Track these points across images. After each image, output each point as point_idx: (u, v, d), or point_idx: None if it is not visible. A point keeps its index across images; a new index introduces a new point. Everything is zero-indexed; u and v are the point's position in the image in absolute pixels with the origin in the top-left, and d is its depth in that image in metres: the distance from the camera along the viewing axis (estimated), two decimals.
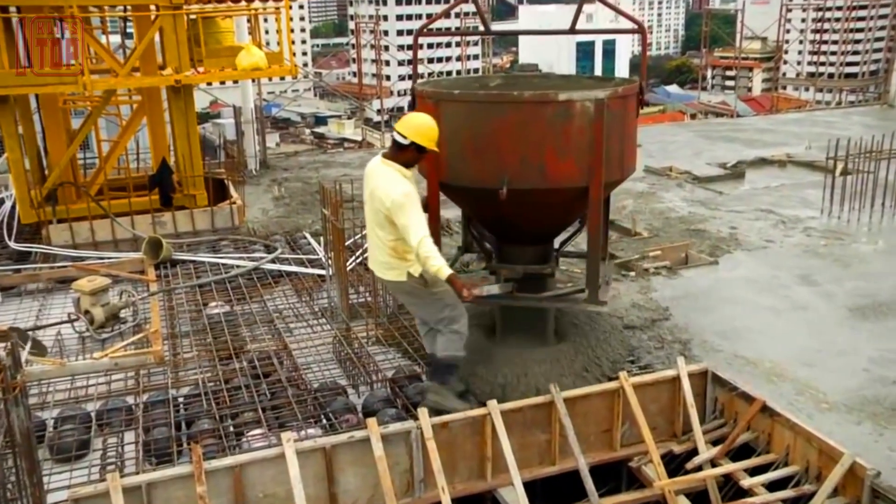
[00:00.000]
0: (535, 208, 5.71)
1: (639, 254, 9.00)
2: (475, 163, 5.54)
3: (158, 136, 11.37)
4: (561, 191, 5.49)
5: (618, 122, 5.43)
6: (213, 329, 7.33)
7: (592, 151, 5.33)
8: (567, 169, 5.41)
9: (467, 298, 5.17)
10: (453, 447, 5.32)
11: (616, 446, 5.79)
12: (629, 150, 5.75)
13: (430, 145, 5.24)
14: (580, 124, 5.31)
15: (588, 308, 5.78)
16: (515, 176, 5.40)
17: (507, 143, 5.42)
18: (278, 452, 4.89)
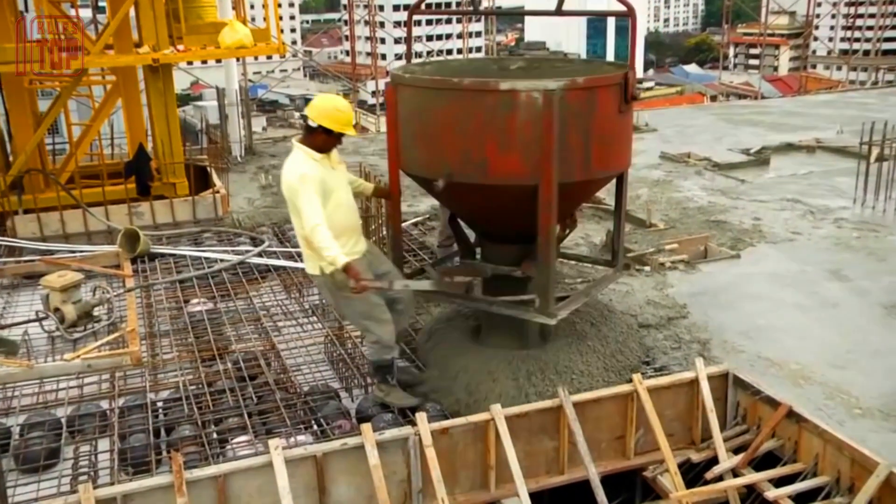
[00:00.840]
0: (486, 205, 5.86)
1: (654, 247, 9.00)
2: (423, 151, 5.72)
3: (134, 119, 11.37)
4: (507, 188, 5.46)
5: (579, 116, 5.30)
6: (194, 328, 7.34)
7: (541, 148, 5.24)
8: (511, 165, 5.36)
9: (355, 289, 5.27)
10: (454, 455, 5.34)
11: (629, 454, 5.80)
12: (602, 150, 5.53)
13: (338, 128, 5.39)
14: (526, 117, 5.24)
15: (536, 319, 5.73)
16: (458, 169, 5.54)
17: (448, 133, 5.52)
18: (265, 461, 4.90)
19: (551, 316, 5.63)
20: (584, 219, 10.68)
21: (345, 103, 5.55)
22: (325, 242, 5.20)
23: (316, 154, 5.41)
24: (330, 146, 5.50)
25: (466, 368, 5.98)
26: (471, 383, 5.86)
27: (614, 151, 5.68)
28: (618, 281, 8.03)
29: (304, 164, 5.37)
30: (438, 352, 6.42)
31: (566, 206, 5.82)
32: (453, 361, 6.12)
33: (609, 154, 5.63)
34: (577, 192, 5.75)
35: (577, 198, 5.88)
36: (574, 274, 8.32)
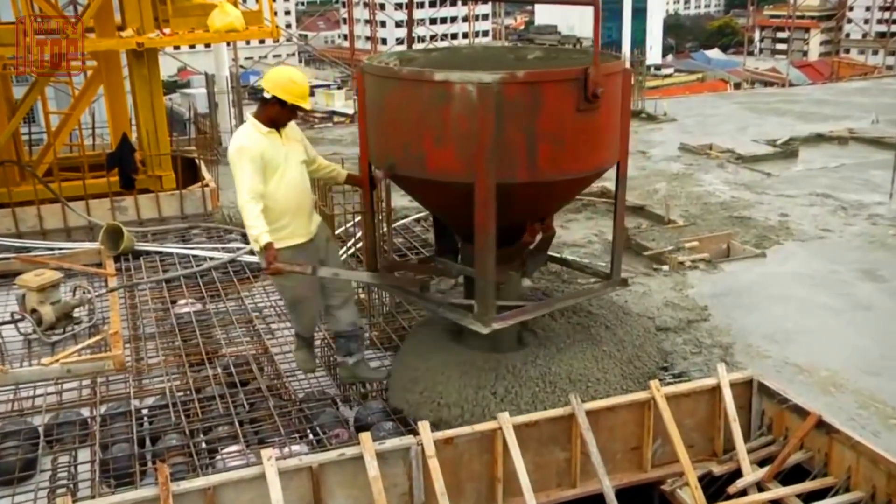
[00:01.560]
0: (433, 202, 6.01)
1: (673, 245, 9.00)
2: (376, 140, 5.93)
3: (118, 108, 11.39)
4: (445, 185, 5.53)
5: (521, 113, 5.27)
6: (182, 330, 7.36)
7: (476, 144, 5.24)
8: (447, 160, 5.42)
9: (266, 271, 5.52)
10: (459, 466, 5.35)
11: (646, 466, 5.81)
12: (554, 150, 5.45)
13: (293, 99, 5.53)
14: (460, 111, 5.27)
15: (472, 327, 5.70)
16: (400, 162, 5.72)
17: (392, 125, 5.69)
18: (258, 472, 4.90)
19: (486, 324, 5.61)
20: (599, 215, 10.69)
21: (301, 75, 5.72)
22: (250, 219, 5.39)
23: (263, 127, 5.56)
24: (284, 119, 5.65)
25: (426, 367, 6.04)
26: (426, 383, 5.91)
27: (571, 153, 5.54)
28: (633, 281, 8.05)
29: (246, 136, 5.54)
30: (409, 346, 6.51)
31: (523, 210, 5.75)
32: (417, 358, 6.20)
33: (563, 156, 5.50)
34: (531, 194, 5.62)
35: (537, 201, 5.79)
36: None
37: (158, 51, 10.85)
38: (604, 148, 5.79)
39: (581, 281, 7.85)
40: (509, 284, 6.15)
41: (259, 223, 5.38)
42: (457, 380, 5.86)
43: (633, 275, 8.31)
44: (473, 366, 5.95)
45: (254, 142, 5.50)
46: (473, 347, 6.12)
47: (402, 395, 5.95)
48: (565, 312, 6.74)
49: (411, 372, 6.07)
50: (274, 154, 5.55)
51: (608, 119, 5.72)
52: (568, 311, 6.76)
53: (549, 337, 6.42)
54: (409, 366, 6.15)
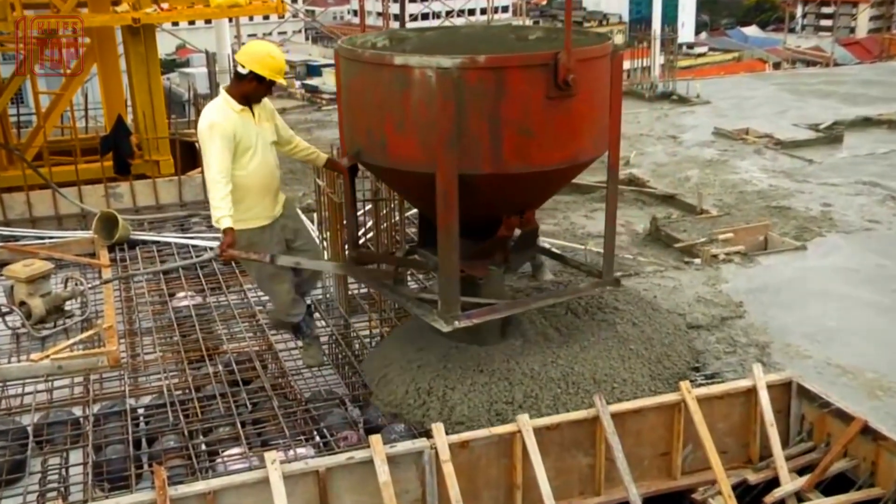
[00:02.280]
0: (401, 190, 6.20)
1: (706, 236, 8.98)
2: (347, 124, 6.11)
3: (112, 88, 11.45)
4: (407, 174, 5.61)
5: (483, 100, 5.30)
6: (180, 325, 7.39)
7: (436, 133, 5.29)
8: (408, 149, 5.52)
9: (220, 257, 5.81)
10: (475, 472, 5.36)
11: (676, 473, 5.80)
12: (521, 141, 5.46)
13: (269, 74, 5.70)
14: (420, 97, 5.34)
15: (434, 324, 5.72)
16: (364, 147, 5.88)
17: (357, 108, 5.87)
18: (261, 476, 4.92)
19: (448, 322, 5.64)
20: (625, 204, 10.67)
21: (278, 51, 5.92)
22: (216, 199, 5.58)
23: (236, 105, 5.73)
24: (259, 95, 5.82)
25: (399, 356, 6.13)
26: (394, 374, 5.98)
27: (540, 144, 5.51)
28: (663, 275, 8.04)
29: (218, 112, 5.70)
30: (396, 332, 6.60)
31: (491, 203, 5.74)
32: (395, 346, 6.31)
33: (531, 147, 5.50)
34: (496, 187, 5.60)
35: (504, 194, 5.73)
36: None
37: (156, 27, 10.90)
38: (581, 138, 5.73)
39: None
40: (490, 281, 6.16)
41: (224, 205, 5.56)
42: (427, 372, 5.95)
43: (662, 268, 8.30)
44: (445, 357, 6.05)
45: (226, 119, 5.67)
46: (460, 339, 6.16)
47: (374, 384, 6.03)
48: (589, 309, 6.74)
49: (389, 362, 6.16)
50: (246, 133, 5.74)
51: (588, 107, 5.67)
52: (592, 308, 6.76)
53: (572, 335, 6.42)
54: (388, 355, 6.24)
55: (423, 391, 5.85)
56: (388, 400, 5.93)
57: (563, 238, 9.38)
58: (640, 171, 11.94)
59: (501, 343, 6.28)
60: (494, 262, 6.16)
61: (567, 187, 11.10)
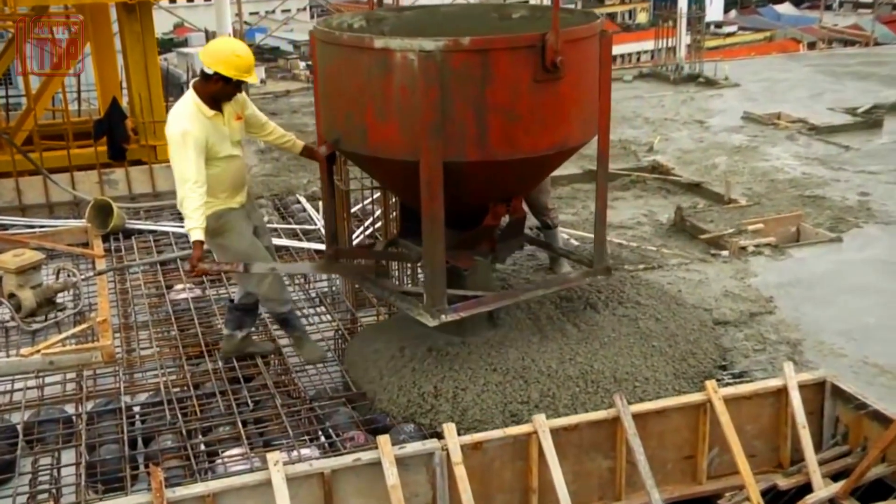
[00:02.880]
0: (382, 179, 6.33)
1: (734, 227, 8.96)
2: (324, 111, 6.13)
3: (106, 68, 11.47)
4: (389, 162, 5.66)
5: (469, 85, 5.34)
6: (178, 319, 7.43)
7: (419, 119, 5.32)
8: (389, 135, 5.55)
9: (191, 273, 5.94)
10: (488, 475, 5.37)
11: (701, 478, 5.80)
12: (508, 126, 5.51)
13: (236, 74, 5.73)
14: (402, 82, 5.36)
15: (419, 319, 5.78)
16: (344, 135, 5.91)
17: (336, 94, 5.88)
18: (263, 478, 4.94)
19: (434, 316, 5.69)
20: (649, 192, 10.67)
21: (244, 47, 5.95)
22: (189, 210, 5.67)
23: (208, 110, 5.80)
24: (228, 95, 5.87)
25: (388, 356, 6.17)
26: (392, 378, 5.99)
27: (528, 129, 5.57)
28: (688, 268, 8.04)
29: (190, 119, 5.75)
30: (371, 330, 6.73)
31: (478, 191, 5.81)
32: (380, 345, 6.36)
33: (518, 132, 5.55)
34: (483, 175, 5.65)
35: (492, 182, 5.79)
36: (635, 258, 8.32)
37: (152, 4, 10.91)
38: (569, 123, 5.76)
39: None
40: (477, 272, 6.20)
41: (197, 216, 5.65)
42: (402, 362, 6.02)
43: (687, 261, 8.29)
44: (420, 348, 6.11)
45: (199, 126, 5.74)
46: (447, 330, 6.16)
47: (402, 409, 5.93)
48: (609, 303, 6.74)
49: (369, 350, 6.27)
50: (218, 139, 5.85)
51: (576, 90, 5.70)
52: (613, 302, 6.76)
53: (592, 331, 6.42)
54: (371, 342, 6.34)
55: (429, 395, 5.84)
56: (389, 408, 5.89)
57: (583, 228, 9.38)
58: (665, 157, 11.93)
59: (517, 339, 6.28)
60: (480, 252, 6.20)
61: (586, 176, 11.16)
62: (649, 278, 7.66)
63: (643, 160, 11.93)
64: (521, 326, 6.47)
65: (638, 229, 9.40)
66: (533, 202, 7.72)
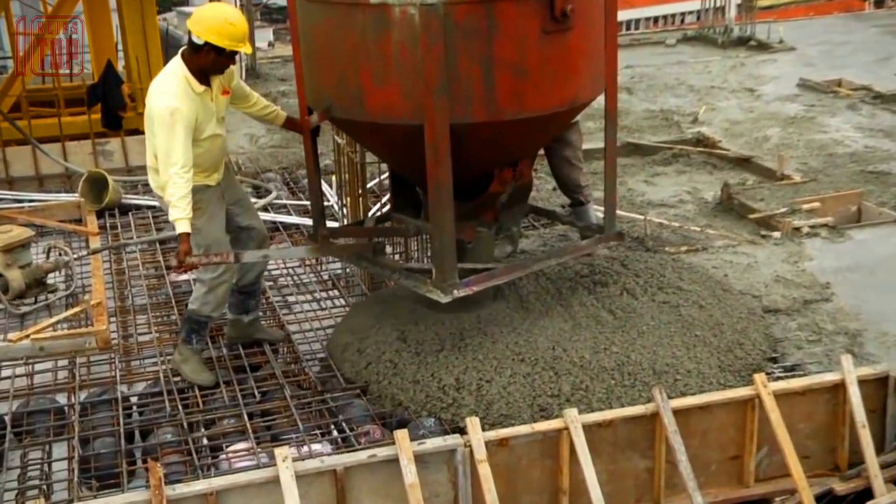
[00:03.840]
0: (379, 147, 6.30)
1: (787, 206, 8.90)
2: (309, 77, 6.11)
3: (100, 29, 11.47)
4: (389, 128, 5.64)
5: (474, 39, 5.36)
6: (179, 303, 7.47)
7: (422, 79, 5.32)
8: (389, 99, 5.54)
9: (178, 269, 5.91)
10: (515, 474, 5.39)
11: (748, 480, 5.80)
12: (515, 83, 5.56)
13: (230, 45, 5.65)
14: (401, 39, 5.36)
15: (429, 295, 5.81)
16: (336, 101, 5.86)
17: (325, 57, 5.84)
18: (270, 475, 4.98)
19: (446, 292, 5.72)
20: (693, 168, 10.61)
21: (237, 14, 5.89)
22: (176, 196, 5.59)
23: (198, 85, 5.74)
24: (220, 67, 5.82)
25: (379, 334, 6.25)
26: (408, 368, 6.02)
27: (537, 85, 5.62)
28: (736, 251, 8.00)
29: (179, 95, 5.67)
30: (357, 314, 6.80)
31: (485, 154, 5.85)
32: (363, 320, 6.48)
33: (527, 89, 5.60)
34: (491, 136, 5.70)
35: (500, 144, 5.85)
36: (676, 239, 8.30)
37: None
38: (579, 77, 5.85)
39: None
40: (480, 244, 6.25)
41: (184, 204, 5.60)
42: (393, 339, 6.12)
43: (735, 243, 8.26)
44: (416, 325, 6.21)
45: (188, 104, 5.67)
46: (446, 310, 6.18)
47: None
48: (648, 289, 6.73)
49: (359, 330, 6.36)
50: (205, 116, 5.82)
51: (585, 42, 5.77)
52: (652, 287, 6.75)
53: (629, 318, 6.42)
54: (359, 321, 6.47)
55: (450, 387, 5.84)
56: (407, 405, 5.89)
57: (620, 207, 9.26)
58: (711, 129, 11.85)
59: (547, 327, 6.29)
60: (483, 223, 6.22)
61: (625, 148, 11.10)
62: (692, 261, 7.64)
63: (687, 132, 11.85)
64: (552, 313, 6.47)
65: (680, 208, 9.35)
66: (564, 179, 7.71)
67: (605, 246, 6.73)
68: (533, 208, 7.40)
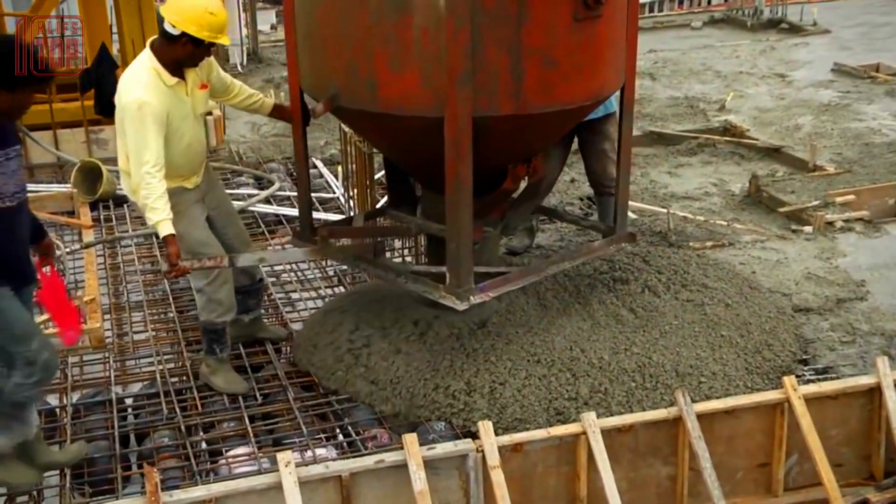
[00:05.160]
0: (388, 140, 6.12)
1: (819, 199, 8.89)
2: (311, 62, 5.99)
3: (94, 11, 11.50)
4: (405, 119, 5.53)
5: (503, 24, 5.26)
6: (177, 299, 7.51)
7: (445, 67, 5.21)
8: (406, 89, 5.42)
9: (169, 274, 5.72)
10: (529, 481, 5.40)
11: (777, 489, 5.80)
12: (545, 73, 5.46)
13: (209, 36, 5.51)
14: (423, 23, 5.24)
15: (443, 301, 5.70)
16: (345, 88, 5.70)
17: (330, 39, 5.69)
18: (272, 481, 4.99)
19: (462, 298, 5.60)
20: (720, 158, 10.62)
21: (216, 2, 5.67)
22: (151, 198, 5.45)
23: (169, 78, 5.60)
24: (195, 60, 5.69)
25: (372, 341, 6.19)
26: (409, 378, 5.97)
27: (567, 76, 5.54)
28: (764, 246, 8.00)
29: (148, 88, 5.52)
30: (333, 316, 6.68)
31: (506, 149, 5.78)
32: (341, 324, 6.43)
33: (557, 79, 5.51)
34: (515, 130, 5.61)
35: (522, 139, 5.78)
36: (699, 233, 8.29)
37: None
38: (605, 68, 5.81)
39: None
40: (486, 245, 6.18)
41: (162, 205, 5.46)
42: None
43: (763, 237, 8.26)
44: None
45: (158, 97, 5.53)
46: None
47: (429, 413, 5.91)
48: (671, 286, 6.73)
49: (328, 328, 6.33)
50: (180, 112, 5.67)
51: (612, 30, 5.73)
52: (675, 285, 6.75)
53: (651, 317, 6.43)
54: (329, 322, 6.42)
55: (460, 392, 5.84)
56: (416, 415, 5.86)
57: (641, 199, 9.36)
58: (739, 117, 11.86)
59: (565, 326, 6.29)
60: (489, 222, 6.15)
61: (646, 138, 11.11)
62: (718, 257, 7.64)
63: (713, 120, 11.85)
64: (570, 311, 6.48)
65: (706, 201, 9.36)
66: (600, 172, 7.57)
67: (617, 248, 6.66)
68: (540, 208, 7.34)
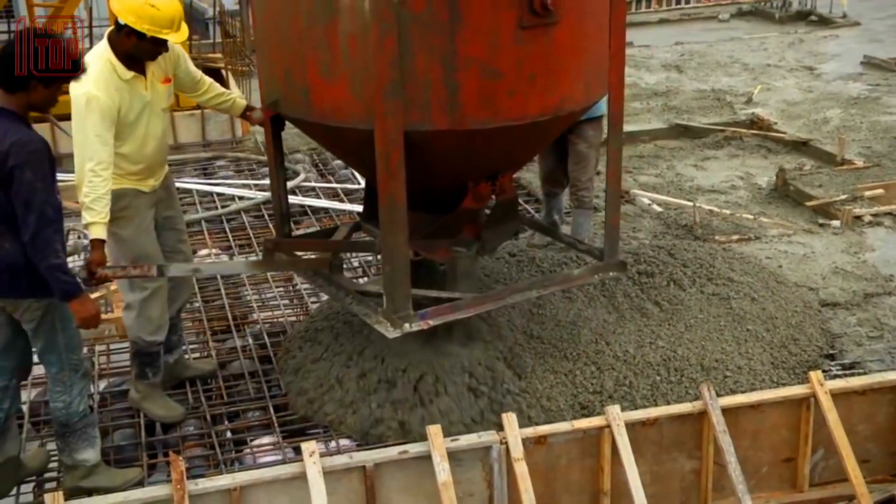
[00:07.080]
0: (336, 151, 6.09)
1: (847, 193, 8.85)
2: (261, 67, 5.93)
3: None
4: (339, 131, 5.32)
5: (434, 33, 4.90)
6: (203, 289, 7.50)
7: (372, 76, 4.88)
8: (338, 97, 5.19)
9: (90, 280, 5.28)
10: (553, 473, 5.40)
11: (803, 485, 5.78)
12: (486, 86, 5.06)
13: (150, 29, 5.17)
14: (351, 29, 4.99)
15: (376, 327, 5.37)
16: (284, 94, 5.56)
17: (274, 45, 5.56)
18: (296, 471, 5.01)
19: (396, 325, 5.25)
20: (746, 151, 10.57)
21: None
22: (90, 197, 5.13)
23: (125, 71, 5.29)
24: (145, 55, 5.36)
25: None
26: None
27: (513, 89, 5.13)
28: (791, 240, 7.97)
29: (98, 82, 5.20)
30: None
31: (450, 167, 5.42)
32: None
33: (502, 92, 5.11)
34: (454, 147, 5.23)
35: (468, 156, 5.37)
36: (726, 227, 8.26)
37: None
38: (567, 80, 5.35)
39: None
40: (457, 266, 5.81)
41: (100, 207, 5.13)
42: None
43: (790, 232, 8.22)
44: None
45: (110, 91, 5.21)
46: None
47: None
48: (697, 279, 6.71)
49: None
50: (135, 108, 5.37)
51: (576, 37, 5.28)
52: (701, 278, 6.74)
53: (676, 311, 6.41)
54: None
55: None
56: None
57: (667, 192, 9.33)
58: (766, 110, 11.79)
59: (590, 319, 6.27)
60: (462, 241, 5.76)
61: (672, 131, 11.07)
62: (745, 251, 7.61)
63: (740, 113, 11.80)
64: (595, 304, 6.47)
65: (732, 194, 9.32)
66: (570, 174, 7.45)
67: (602, 277, 6.17)
68: (530, 222, 7.22)
